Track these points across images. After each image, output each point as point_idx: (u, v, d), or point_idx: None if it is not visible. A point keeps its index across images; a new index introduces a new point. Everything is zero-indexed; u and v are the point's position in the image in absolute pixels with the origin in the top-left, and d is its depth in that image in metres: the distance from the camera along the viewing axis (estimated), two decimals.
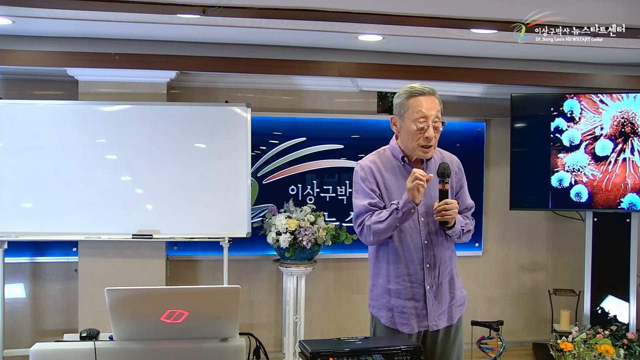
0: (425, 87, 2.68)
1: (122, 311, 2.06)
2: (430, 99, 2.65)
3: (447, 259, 2.75)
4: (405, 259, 2.69)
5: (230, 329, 2.12)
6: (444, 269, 2.73)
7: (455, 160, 2.84)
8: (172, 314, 2.04)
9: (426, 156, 2.71)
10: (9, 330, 4.96)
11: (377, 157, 2.78)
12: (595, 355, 4.53)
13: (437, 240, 2.71)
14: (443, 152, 2.85)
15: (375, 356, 2.21)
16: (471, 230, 2.81)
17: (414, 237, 2.68)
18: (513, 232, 5.82)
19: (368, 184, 2.71)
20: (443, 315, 2.73)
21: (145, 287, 2.33)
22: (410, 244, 2.68)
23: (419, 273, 2.68)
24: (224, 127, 4.83)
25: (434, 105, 2.65)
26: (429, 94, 2.66)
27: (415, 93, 2.65)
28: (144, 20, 3.89)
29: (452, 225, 2.63)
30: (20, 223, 4.64)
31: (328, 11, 3.62)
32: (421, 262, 2.68)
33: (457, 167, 2.82)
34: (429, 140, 2.65)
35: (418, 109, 2.63)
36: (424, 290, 2.69)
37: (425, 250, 2.69)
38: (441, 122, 2.70)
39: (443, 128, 2.74)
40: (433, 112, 2.64)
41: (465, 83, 5.40)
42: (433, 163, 2.77)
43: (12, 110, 4.68)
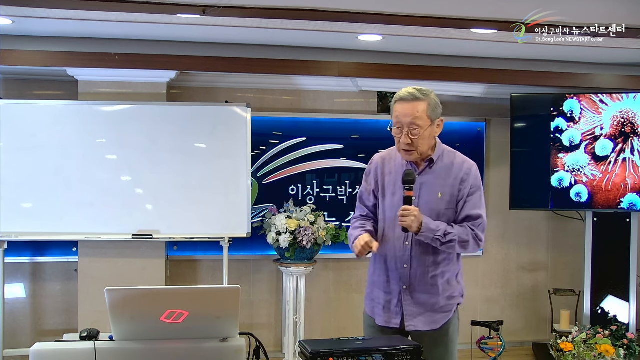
0: (408, 92, 2.66)
1: (122, 311, 2.06)
2: (407, 105, 2.64)
3: (431, 264, 2.72)
4: (388, 255, 2.77)
5: (230, 329, 2.12)
6: (425, 273, 2.72)
7: (466, 167, 2.76)
8: (172, 314, 2.04)
9: (408, 159, 2.72)
10: (9, 330, 4.96)
11: (390, 152, 2.84)
12: (595, 355, 4.53)
13: (419, 244, 2.70)
14: (458, 158, 2.80)
15: (375, 356, 2.21)
16: (468, 242, 2.70)
17: (398, 236, 2.73)
18: (513, 232, 5.82)
19: (367, 186, 2.85)
20: (423, 318, 2.73)
21: (145, 287, 2.33)
22: (394, 242, 2.74)
23: (398, 272, 2.74)
24: (224, 127, 4.83)
25: (411, 112, 2.63)
26: (408, 100, 2.64)
27: (397, 98, 2.67)
28: (144, 20, 3.89)
29: (416, 231, 2.62)
30: (20, 223, 4.64)
31: (328, 11, 3.61)
32: (401, 262, 2.73)
33: (465, 174, 2.74)
34: (405, 146, 2.66)
35: (395, 115, 2.67)
36: (400, 289, 2.74)
37: (405, 251, 2.72)
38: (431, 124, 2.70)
39: (440, 128, 2.77)
40: (407, 119, 2.63)
41: (465, 83, 5.41)
42: (441, 166, 2.75)
43: (12, 110, 4.68)
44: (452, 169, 2.74)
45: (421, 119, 2.64)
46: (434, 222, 2.65)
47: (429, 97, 2.68)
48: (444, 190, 2.71)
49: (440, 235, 2.63)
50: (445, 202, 2.71)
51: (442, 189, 2.72)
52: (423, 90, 2.68)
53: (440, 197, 2.71)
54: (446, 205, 2.71)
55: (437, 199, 2.71)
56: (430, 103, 2.68)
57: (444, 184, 2.72)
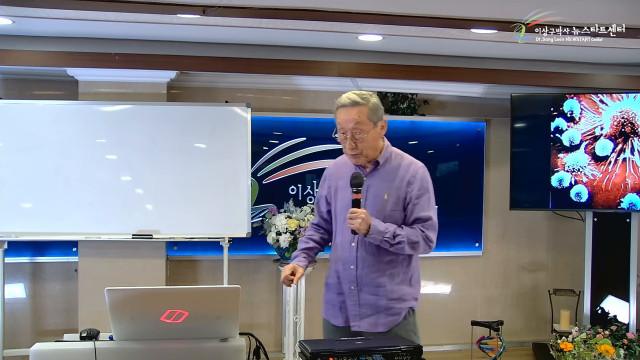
0: (348, 97, 2.68)
1: (122, 311, 2.06)
2: (348, 111, 2.67)
3: (376, 265, 2.74)
4: (338, 257, 2.84)
5: (230, 329, 2.12)
6: (371, 274, 2.74)
7: (412, 170, 2.77)
8: (172, 314, 2.04)
9: (356, 162, 2.77)
10: (9, 330, 4.96)
11: (342, 159, 2.90)
12: (595, 355, 4.53)
13: (366, 245, 2.73)
14: (405, 159, 2.81)
15: (375, 356, 2.21)
16: (418, 243, 2.71)
17: (346, 237, 2.78)
18: (513, 232, 5.82)
19: (321, 192, 2.95)
20: (369, 320, 2.75)
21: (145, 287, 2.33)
22: (342, 244, 2.82)
23: (346, 273, 2.80)
24: (224, 127, 4.83)
25: (352, 117, 2.66)
26: (348, 105, 2.67)
27: (338, 105, 2.71)
28: (144, 20, 3.89)
29: (365, 233, 2.64)
30: (20, 223, 4.64)
31: (328, 11, 3.61)
32: (348, 263, 2.79)
33: (412, 177, 2.75)
34: (350, 150, 2.71)
35: (338, 122, 2.72)
36: (348, 289, 2.81)
37: (351, 252, 2.77)
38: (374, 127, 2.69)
39: (384, 129, 2.76)
40: (350, 125, 2.66)
41: (465, 83, 5.41)
42: (388, 168, 2.77)
43: (12, 110, 4.68)
44: (399, 171, 2.76)
45: (363, 123, 2.67)
46: (383, 224, 2.66)
47: (368, 101, 2.69)
48: (389, 192, 2.74)
49: (389, 237, 2.65)
50: (391, 204, 2.73)
51: (388, 190, 2.74)
52: (363, 94, 2.71)
53: (386, 199, 2.73)
54: (392, 206, 2.73)
55: (383, 200, 2.73)
56: (370, 107, 2.69)
57: (390, 186, 2.74)
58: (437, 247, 5.92)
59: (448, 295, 5.75)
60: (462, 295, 5.76)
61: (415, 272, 2.84)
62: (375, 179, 2.76)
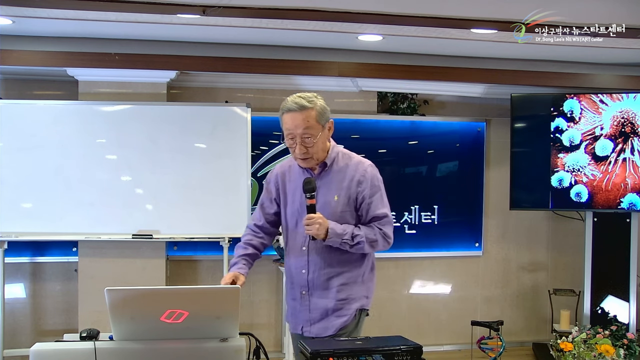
0: (295, 102, 2.61)
1: (122, 311, 2.06)
2: (296, 116, 2.59)
3: (327, 267, 2.69)
4: (291, 262, 2.79)
5: (230, 329, 2.12)
6: (321, 276, 2.70)
7: (361, 170, 2.72)
8: (172, 314, 2.04)
9: (306, 166, 2.70)
10: (9, 330, 4.96)
11: (288, 163, 2.85)
12: (595, 355, 4.53)
13: (317, 248, 2.68)
14: (353, 159, 2.76)
15: (375, 356, 2.21)
16: (376, 241, 2.68)
17: (297, 241, 2.74)
18: (513, 232, 5.83)
19: (267, 194, 2.86)
20: (319, 324, 2.71)
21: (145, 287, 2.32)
22: (294, 249, 2.77)
23: (297, 277, 2.76)
24: (224, 127, 4.83)
25: (301, 122, 2.58)
26: (296, 110, 2.59)
27: (284, 109, 2.63)
28: (144, 20, 3.89)
29: (324, 238, 2.59)
30: (20, 223, 4.65)
31: (328, 11, 3.61)
32: (300, 268, 2.74)
33: (361, 176, 2.70)
34: (301, 155, 2.64)
35: (285, 127, 2.64)
36: (299, 294, 2.76)
37: (302, 256, 2.73)
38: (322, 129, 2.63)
39: (332, 131, 2.70)
40: (299, 130, 2.59)
41: (465, 83, 5.41)
42: (336, 169, 2.72)
43: (12, 110, 4.68)
44: (347, 171, 2.71)
45: (312, 127, 2.60)
46: (340, 226, 2.62)
47: (316, 104, 2.62)
48: (339, 193, 2.69)
49: (348, 239, 2.62)
50: (341, 205, 2.68)
51: (338, 191, 2.69)
52: (309, 97, 2.63)
53: (337, 200, 2.68)
54: (342, 207, 2.68)
55: (333, 201, 2.68)
56: (318, 109, 2.62)
57: (339, 187, 2.69)
58: (437, 247, 6.00)
59: (448, 295, 5.75)
60: (462, 295, 5.76)
61: (367, 269, 2.78)
62: (324, 181, 2.71)
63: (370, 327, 5.62)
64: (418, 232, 5.55)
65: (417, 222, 5.54)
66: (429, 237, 5.58)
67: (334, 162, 2.73)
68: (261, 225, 2.86)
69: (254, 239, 2.83)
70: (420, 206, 5.54)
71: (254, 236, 2.85)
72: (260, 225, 2.86)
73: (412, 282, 5.67)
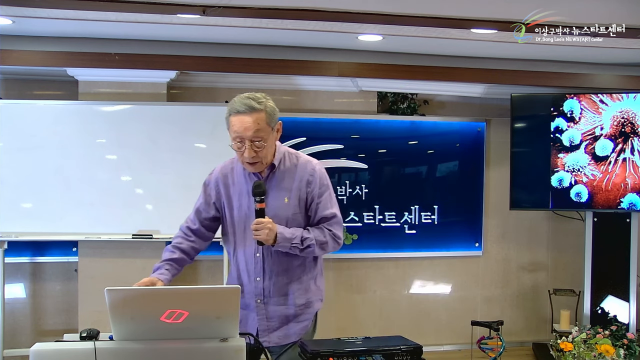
0: (244, 103, 2.51)
1: (122, 311, 2.06)
2: (245, 118, 2.49)
3: (284, 273, 2.62)
4: (240, 269, 2.67)
5: (230, 329, 2.12)
6: (278, 284, 2.62)
7: (309, 169, 2.64)
8: (172, 314, 2.04)
9: (254, 170, 2.59)
10: (9, 330, 4.96)
11: (228, 165, 2.73)
12: (595, 355, 4.53)
13: (272, 254, 2.59)
14: (300, 159, 2.68)
15: (375, 356, 2.21)
16: (326, 242, 2.61)
17: (248, 248, 2.62)
18: (513, 232, 5.82)
19: (206, 197, 2.74)
20: (278, 332, 2.63)
21: (145, 287, 2.32)
22: (245, 255, 2.64)
23: (251, 285, 2.64)
24: (224, 127, 4.79)
25: (251, 125, 2.48)
26: (246, 112, 2.49)
27: (233, 111, 2.53)
28: (144, 20, 3.89)
29: (273, 243, 2.51)
30: (20, 223, 4.64)
31: (328, 11, 3.62)
32: (253, 275, 2.63)
33: (310, 176, 2.63)
34: (250, 159, 2.52)
35: (234, 129, 2.53)
36: (253, 302, 2.65)
37: (257, 263, 2.61)
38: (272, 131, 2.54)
39: (280, 132, 2.60)
40: (249, 133, 2.48)
41: (465, 83, 5.41)
42: (283, 170, 2.63)
43: (12, 110, 4.67)
44: (296, 172, 2.63)
45: (263, 130, 2.50)
46: (289, 230, 2.54)
47: (266, 106, 2.52)
48: (289, 195, 2.61)
49: (298, 243, 2.54)
50: (292, 207, 2.60)
51: (288, 193, 2.61)
52: (258, 98, 2.53)
53: (287, 202, 2.60)
54: (293, 209, 2.60)
55: (283, 204, 2.60)
56: (268, 111, 2.52)
57: (289, 189, 2.61)
58: (437, 247, 6.00)
59: (448, 295, 5.75)
60: (462, 295, 5.76)
61: (319, 272, 2.73)
62: (272, 184, 2.61)
63: (371, 327, 5.64)
64: (418, 232, 5.55)
65: (417, 222, 5.54)
66: (429, 237, 5.58)
67: (281, 162, 2.63)
68: (195, 229, 2.73)
69: (184, 243, 2.70)
70: (420, 206, 5.54)
71: (185, 239, 2.71)
72: (195, 229, 2.73)
73: (412, 282, 5.67)
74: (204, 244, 2.76)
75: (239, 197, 2.65)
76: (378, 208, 5.46)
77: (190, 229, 2.74)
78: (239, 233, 2.65)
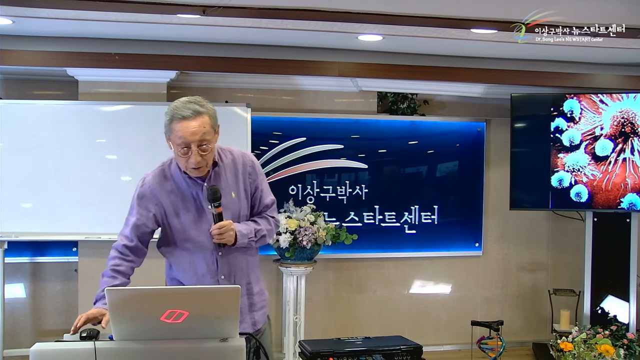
0: (188, 108, 2.44)
1: (122, 311, 2.06)
2: (191, 123, 2.41)
3: (244, 266, 2.64)
4: (198, 274, 2.58)
5: (230, 329, 2.12)
6: (241, 277, 2.62)
7: (248, 160, 2.66)
8: (172, 314, 2.04)
9: (198, 175, 2.52)
10: (9, 330, 4.96)
11: (161, 173, 2.62)
12: (595, 355, 4.53)
13: (230, 250, 2.58)
14: (234, 152, 2.67)
15: (375, 356, 2.21)
16: (272, 229, 2.69)
17: (207, 251, 2.57)
18: (513, 232, 5.82)
19: (143, 212, 2.59)
20: (243, 323, 2.57)
21: (145, 287, 2.32)
22: (204, 258, 2.57)
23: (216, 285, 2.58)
24: (224, 127, 4.73)
25: (198, 129, 2.41)
26: (191, 117, 2.41)
27: (177, 117, 2.44)
28: (144, 20, 3.89)
29: (233, 243, 2.51)
30: (20, 223, 4.64)
31: (328, 11, 3.62)
32: (215, 275, 2.58)
33: (250, 167, 2.65)
34: (196, 164, 2.45)
35: (179, 135, 2.42)
36: None
37: (221, 262, 2.58)
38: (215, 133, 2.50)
39: (218, 134, 2.54)
40: (196, 137, 2.40)
41: (465, 83, 5.41)
42: (223, 167, 2.60)
43: (12, 110, 4.67)
44: (235, 166, 2.63)
45: (208, 133, 2.44)
46: (244, 226, 2.56)
47: (208, 108, 2.48)
48: (235, 190, 2.60)
49: (253, 236, 2.58)
50: (239, 200, 2.61)
51: (233, 188, 2.60)
52: (200, 101, 2.48)
53: (234, 197, 2.59)
54: (241, 202, 2.61)
55: (231, 200, 2.58)
56: (210, 114, 2.48)
57: (232, 184, 2.60)
58: (437, 247, 6.01)
59: (448, 295, 5.75)
60: (462, 295, 5.76)
61: (257, 259, 2.78)
62: (216, 182, 2.56)
63: (371, 327, 5.64)
64: (418, 232, 5.55)
65: (417, 222, 5.54)
66: (429, 237, 5.58)
67: (219, 159, 2.60)
68: (133, 246, 2.60)
69: (122, 264, 2.58)
70: (420, 206, 5.54)
71: (123, 260, 2.59)
72: (132, 246, 2.60)
73: (412, 282, 5.67)
74: (141, 260, 2.65)
75: (183, 203, 2.57)
76: (378, 208, 5.46)
77: (128, 247, 2.60)
78: (192, 238, 2.57)
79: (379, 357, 2.21)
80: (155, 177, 2.62)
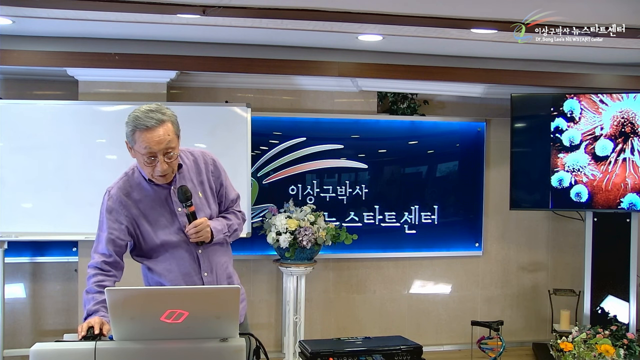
0: (150, 117, 2.43)
1: (122, 311, 2.06)
2: (156, 133, 2.41)
3: (224, 261, 2.68)
4: (181, 274, 2.58)
5: (230, 329, 2.12)
6: (222, 272, 2.66)
7: (209, 159, 2.69)
8: (172, 314, 2.04)
9: (165, 182, 2.53)
10: (9, 330, 4.96)
11: (126, 183, 2.59)
12: (595, 355, 4.53)
13: (211, 247, 2.61)
14: (194, 153, 2.69)
15: (375, 356, 2.21)
16: (242, 223, 2.74)
17: (187, 252, 2.58)
18: (513, 232, 5.82)
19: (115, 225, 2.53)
20: None
21: (145, 287, 2.33)
22: (185, 260, 2.58)
23: (198, 283, 2.59)
24: (224, 127, 4.82)
25: (162, 137, 2.41)
26: (155, 126, 2.41)
27: (140, 127, 2.42)
28: (144, 20, 3.89)
29: (210, 240, 2.55)
30: (20, 223, 4.64)
31: (328, 11, 3.62)
32: (198, 273, 2.59)
33: (212, 165, 2.68)
34: (162, 172, 2.46)
35: (144, 145, 2.40)
36: None
37: (202, 260, 2.59)
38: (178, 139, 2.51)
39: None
40: (162, 146, 2.41)
41: (465, 83, 5.41)
42: (186, 169, 2.61)
43: (12, 110, 4.67)
44: (197, 166, 2.65)
45: (173, 141, 2.46)
46: (217, 222, 2.60)
47: (169, 115, 2.50)
48: (201, 189, 2.63)
49: (227, 231, 2.63)
50: (207, 199, 2.64)
51: (199, 188, 2.63)
52: (161, 109, 2.50)
53: (201, 197, 2.62)
54: (208, 201, 2.64)
55: (200, 200, 2.61)
56: (173, 120, 2.50)
57: (197, 183, 2.63)
58: (437, 247, 6.01)
59: (448, 295, 5.75)
60: (462, 295, 5.76)
61: None
62: (182, 183, 2.57)
63: (370, 327, 5.64)
64: (418, 232, 5.55)
65: (417, 222, 5.54)
66: (429, 237, 5.58)
67: (182, 161, 2.61)
68: (112, 261, 2.53)
69: (106, 280, 2.50)
70: (420, 206, 5.54)
71: (106, 276, 2.51)
72: (111, 261, 2.53)
73: (412, 282, 5.68)
74: (120, 274, 2.58)
75: (154, 209, 2.56)
76: (378, 208, 5.47)
77: (107, 263, 2.52)
78: (170, 242, 2.56)
79: (379, 357, 2.21)
80: (120, 188, 2.58)
